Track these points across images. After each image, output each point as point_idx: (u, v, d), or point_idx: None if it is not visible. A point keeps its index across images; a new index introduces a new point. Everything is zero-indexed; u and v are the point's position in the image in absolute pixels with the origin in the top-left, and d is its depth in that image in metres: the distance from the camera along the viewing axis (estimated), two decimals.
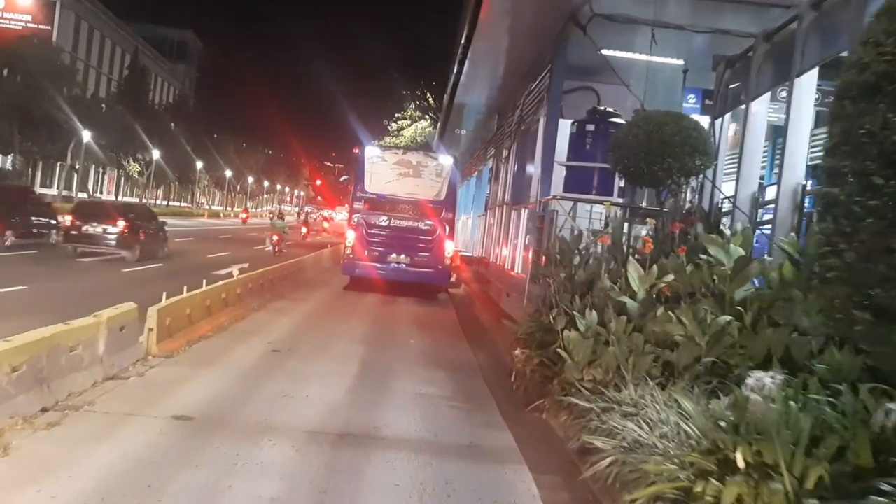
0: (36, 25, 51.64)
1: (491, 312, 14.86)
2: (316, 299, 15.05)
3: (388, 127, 52.30)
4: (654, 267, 6.76)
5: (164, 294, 8.56)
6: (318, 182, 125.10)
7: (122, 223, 18.54)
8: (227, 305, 11.21)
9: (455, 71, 16.04)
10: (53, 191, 45.29)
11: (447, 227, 17.16)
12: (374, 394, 7.41)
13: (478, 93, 18.40)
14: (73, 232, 18.36)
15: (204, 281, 10.35)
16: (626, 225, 8.44)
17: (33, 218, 20.15)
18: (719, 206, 8.60)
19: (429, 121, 47.92)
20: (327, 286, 17.96)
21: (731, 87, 8.72)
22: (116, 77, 60.36)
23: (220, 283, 11.28)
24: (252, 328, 10.55)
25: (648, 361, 6.00)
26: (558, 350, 6.90)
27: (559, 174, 10.41)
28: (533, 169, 12.52)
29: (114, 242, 18.43)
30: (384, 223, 17.07)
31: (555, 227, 9.16)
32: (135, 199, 62.74)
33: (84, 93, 50.09)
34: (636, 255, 7.07)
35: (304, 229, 40.26)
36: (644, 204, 9.24)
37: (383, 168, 17.30)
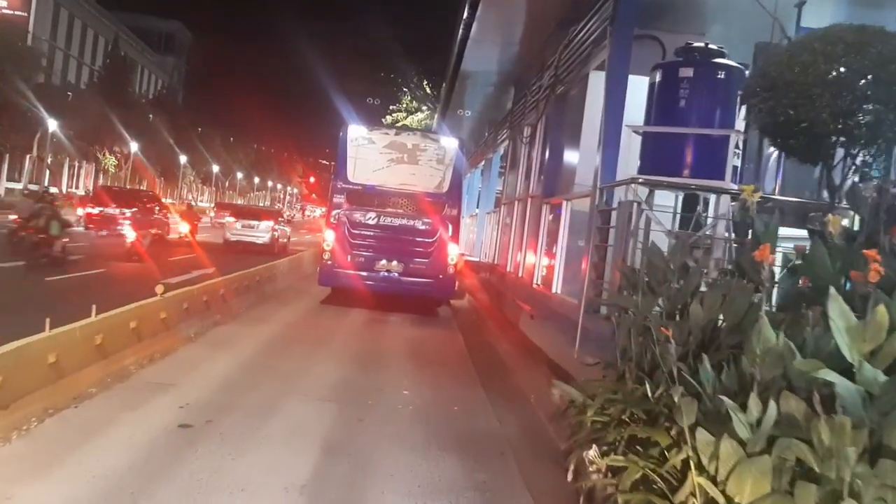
0: (11, 12, 49.18)
1: (509, 338, 11.47)
2: (280, 320, 11.56)
3: (383, 120, 49.08)
4: (881, 312, 3.37)
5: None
6: (312, 179, 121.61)
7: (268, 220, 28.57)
8: (139, 339, 7.81)
9: (465, 17, 12.46)
10: (20, 185, 41.88)
11: (450, 227, 13.79)
12: None
13: (491, 53, 14.75)
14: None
15: (94, 307, 6.94)
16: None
17: None
18: None
19: (426, 112, 44.63)
20: (302, 299, 14.56)
21: None
22: (99, 67, 57.44)
23: (132, 305, 7.90)
24: (166, 376, 7.13)
25: None
26: (688, 470, 3.55)
27: (629, 149, 7.03)
28: (579, 146, 9.12)
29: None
30: (372, 222, 13.69)
31: (633, 229, 5.81)
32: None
33: (59, 79, 47.02)
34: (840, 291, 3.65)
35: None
36: (777, 192, 5.90)
37: (371, 152, 13.90)
